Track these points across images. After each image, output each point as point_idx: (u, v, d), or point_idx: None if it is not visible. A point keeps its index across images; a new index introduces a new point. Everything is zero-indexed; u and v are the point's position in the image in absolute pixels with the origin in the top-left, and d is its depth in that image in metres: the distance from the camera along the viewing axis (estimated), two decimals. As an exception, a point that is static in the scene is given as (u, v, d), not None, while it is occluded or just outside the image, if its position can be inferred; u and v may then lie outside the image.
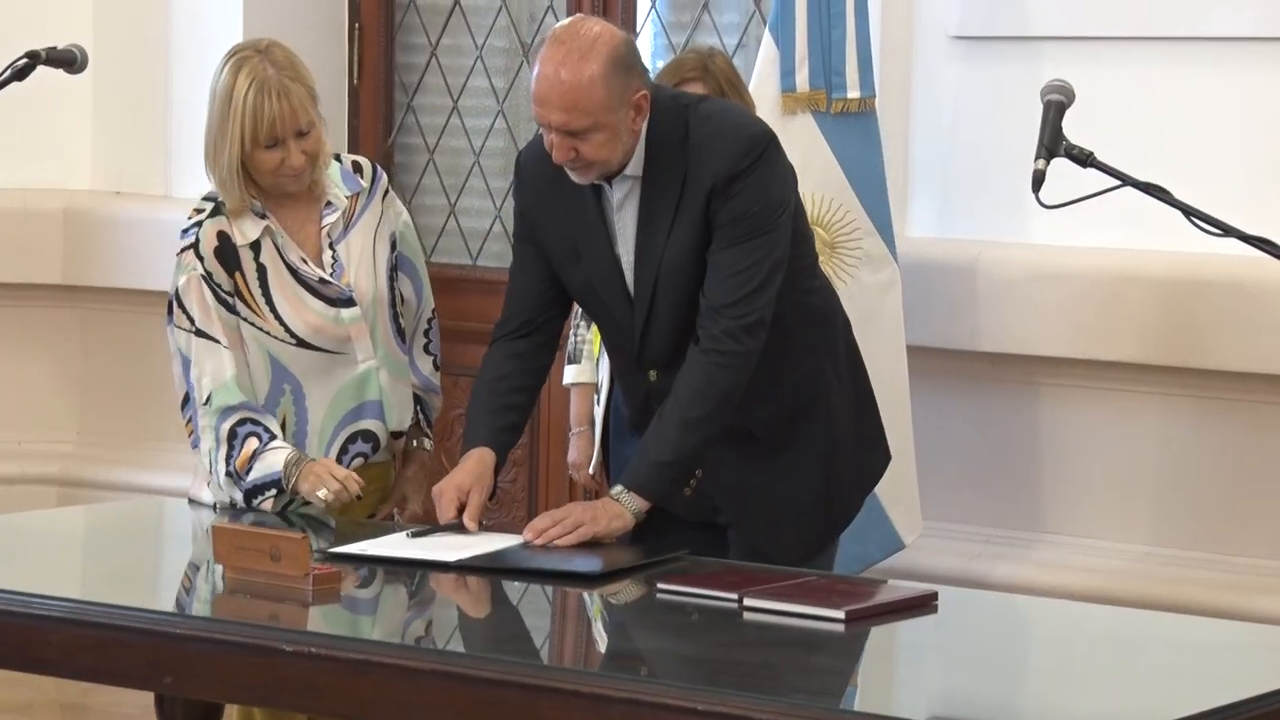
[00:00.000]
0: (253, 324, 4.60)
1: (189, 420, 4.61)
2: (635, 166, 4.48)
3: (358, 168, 4.75)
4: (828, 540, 4.66)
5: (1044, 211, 4.48)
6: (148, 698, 4.47)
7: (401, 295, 4.78)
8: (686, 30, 6.61)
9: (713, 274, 4.42)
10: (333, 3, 7.20)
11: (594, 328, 5.46)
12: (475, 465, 4.50)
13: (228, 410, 4.54)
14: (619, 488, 4.37)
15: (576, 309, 5.45)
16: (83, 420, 7.41)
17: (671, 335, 4.50)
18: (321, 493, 4.46)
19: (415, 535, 4.36)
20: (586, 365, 5.51)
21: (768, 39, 5.86)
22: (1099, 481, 5.57)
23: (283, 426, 4.60)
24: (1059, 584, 5.33)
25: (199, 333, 4.57)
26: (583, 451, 5.47)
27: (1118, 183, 4.47)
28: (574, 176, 4.45)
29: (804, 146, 5.73)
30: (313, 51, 7.07)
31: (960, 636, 3.96)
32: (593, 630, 4.09)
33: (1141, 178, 4.36)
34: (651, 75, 4.85)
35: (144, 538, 4.92)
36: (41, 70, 4.73)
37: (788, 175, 4.51)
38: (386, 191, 4.77)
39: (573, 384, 5.55)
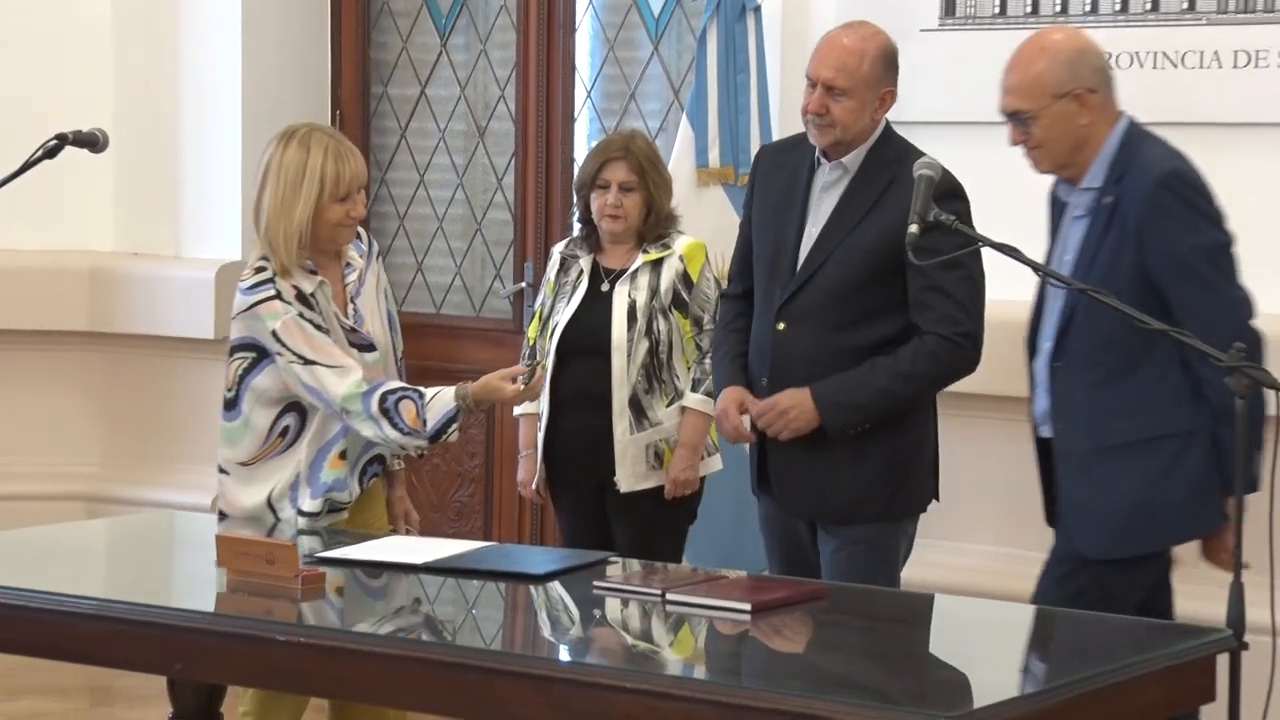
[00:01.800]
0: None
1: (343, 423, 4.52)
2: (854, 161, 4.64)
3: (358, 235, 4.76)
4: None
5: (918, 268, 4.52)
6: (162, 680, 4.46)
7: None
8: (616, 116, 6.63)
9: (937, 294, 4.55)
10: (318, 92, 7.20)
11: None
12: (736, 393, 4.69)
13: (365, 396, 4.46)
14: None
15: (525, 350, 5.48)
16: (106, 445, 7.38)
17: (810, 303, 4.61)
18: (512, 386, 4.50)
19: (388, 541, 4.37)
20: (532, 398, 5.51)
21: (685, 123, 5.89)
22: (963, 494, 5.58)
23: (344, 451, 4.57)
24: (930, 579, 5.33)
25: (309, 362, 4.49)
26: (528, 471, 5.48)
27: (978, 244, 4.52)
28: (813, 135, 4.64)
29: (716, 214, 5.76)
30: (301, 134, 7.10)
31: (848, 624, 3.98)
32: (538, 621, 4.09)
33: (999, 239, 4.40)
34: (583, 156, 4.89)
35: (158, 546, 4.91)
36: (68, 149, 4.71)
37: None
38: (379, 255, 4.79)
39: (521, 414, 5.54)
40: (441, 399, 4.47)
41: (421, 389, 4.52)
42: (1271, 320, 5.43)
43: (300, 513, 4.53)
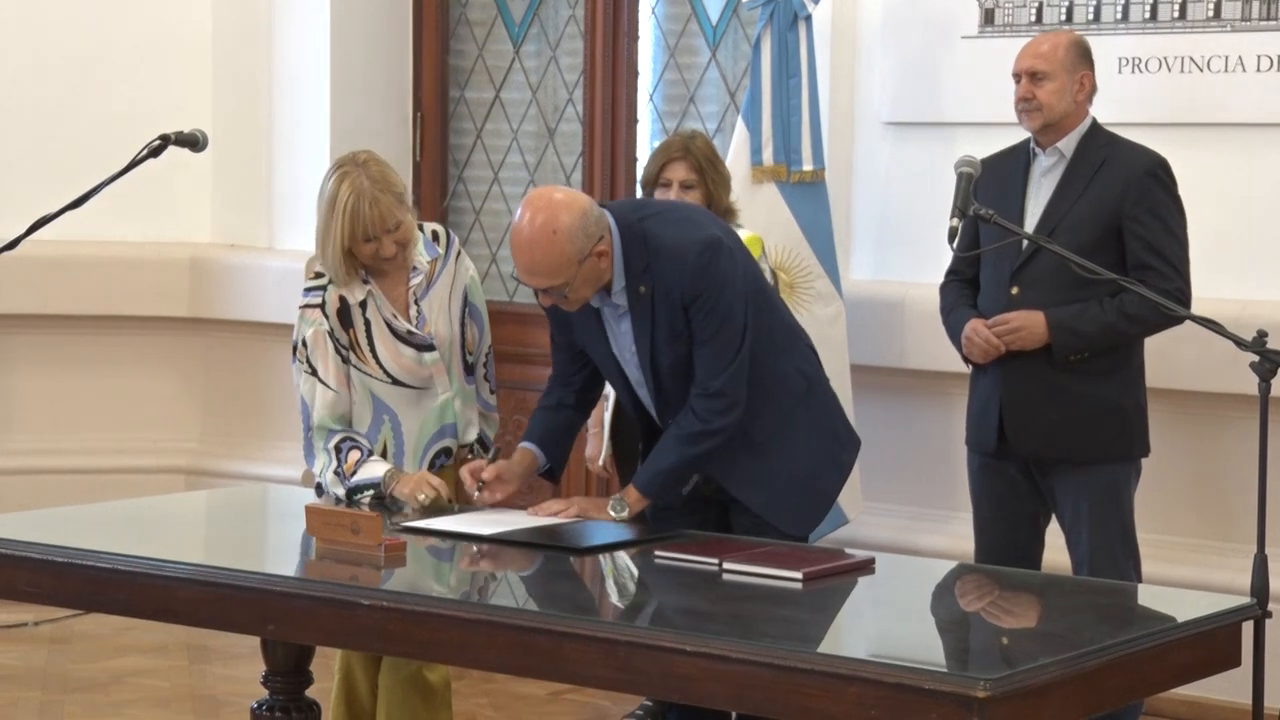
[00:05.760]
0: (360, 368, 4.57)
1: (306, 436, 4.61)
2: (1068, 146, 4.82)
3: (436, 236, 4.69)
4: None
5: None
6: (255, 640, 4.45)
7: (469, 336, 4.75)
8: (677, 118, 6.60)
9: (1155, 256, 4.74)
10: (400, 97, 7.19)
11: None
12: (979, 319, 4.87)
13: (332, 433, 4.54)
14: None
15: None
16: (204, 423, 7.40)
17: (1040, 269, 4.75)
18: (421, 496, 4.42)
19: (463, 513, 4.35)
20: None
21: (740, 124, 5.86)
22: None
23: (385, 449, 4.58)
24: (969, 550, 5.31)
25: (315, 374, 4.56)
26: (595, 447, 5.46)
27: (1012, 237, 4.47)
28: (1024, 122, 4.90)
29: (769, 209, 5.73)
30: (386, 135, 7.09)
31: (893, 592, 3.94)
32: (604, 588, 4.07)
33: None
34: (646, 155, 4.81)
35: (252, 516, 4.90)
36: (171, 149, 4.70)
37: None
38: (459, 254, 4.75)
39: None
40: (376, 467, 4.49)
41: (373, 450, 4.52)
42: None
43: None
